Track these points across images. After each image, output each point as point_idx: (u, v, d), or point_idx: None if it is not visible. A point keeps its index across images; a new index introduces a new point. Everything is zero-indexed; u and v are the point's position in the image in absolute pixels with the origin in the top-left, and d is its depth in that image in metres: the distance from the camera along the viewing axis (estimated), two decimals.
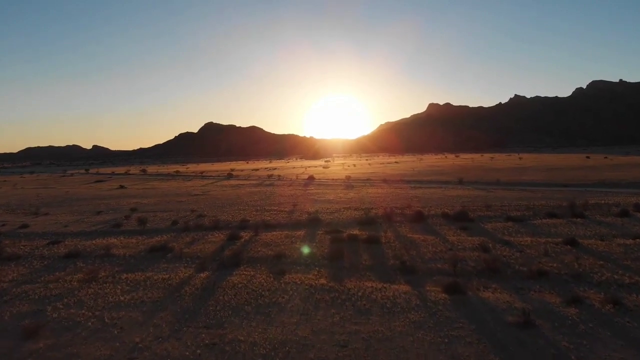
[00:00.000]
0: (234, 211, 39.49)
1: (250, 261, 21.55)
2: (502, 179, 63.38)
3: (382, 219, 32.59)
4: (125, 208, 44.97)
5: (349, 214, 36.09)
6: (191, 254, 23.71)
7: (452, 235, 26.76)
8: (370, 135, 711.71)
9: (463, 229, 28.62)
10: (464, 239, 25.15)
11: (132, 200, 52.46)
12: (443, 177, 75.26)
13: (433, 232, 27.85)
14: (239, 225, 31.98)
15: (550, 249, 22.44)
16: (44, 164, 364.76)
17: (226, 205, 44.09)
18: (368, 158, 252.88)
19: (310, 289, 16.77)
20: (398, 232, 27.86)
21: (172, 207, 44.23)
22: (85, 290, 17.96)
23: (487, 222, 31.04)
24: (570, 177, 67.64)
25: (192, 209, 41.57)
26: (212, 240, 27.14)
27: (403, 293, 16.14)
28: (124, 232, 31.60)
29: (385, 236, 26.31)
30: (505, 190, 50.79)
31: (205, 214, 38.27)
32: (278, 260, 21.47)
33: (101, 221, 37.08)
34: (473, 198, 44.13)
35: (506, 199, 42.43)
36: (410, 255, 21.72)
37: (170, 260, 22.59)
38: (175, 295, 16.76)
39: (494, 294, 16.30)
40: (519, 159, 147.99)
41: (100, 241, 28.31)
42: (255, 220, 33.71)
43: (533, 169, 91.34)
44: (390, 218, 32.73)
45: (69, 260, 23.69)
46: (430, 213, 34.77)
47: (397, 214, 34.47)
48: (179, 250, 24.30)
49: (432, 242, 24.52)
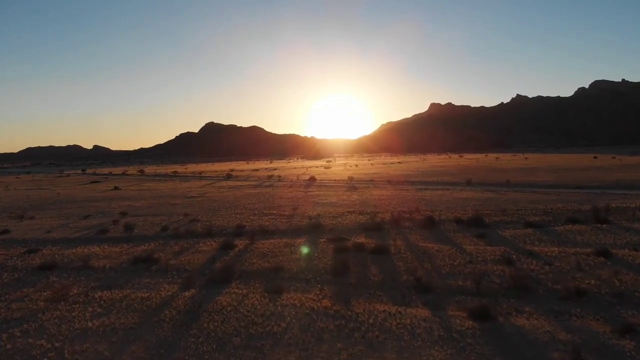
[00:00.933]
0: (230, 215, 36.97)
1: (244, 276, 19.03)
2: (512, 180, 60.76)
3: (389, 225, 30.04)
4: (115, 211, 42.49)
5: (353, 218, 33.55)
6: (178, 265, 21.19)
7: (469, 244, 24.20)
8: (372, 135, 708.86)
9: (480, 236, 26.06)
10: (483, 249, 22.59)
11: (124, 202, 49.97)
12: (449, 178, 72.68)
13: (447, 240, 25.29)
14: (234, 232, 29.46)
15: (583, 262, 19.88)
16: (44, 164, 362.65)
17: (222, 209, 41.58)
18: (370, 158, 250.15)
19: (311, 314, 14.22)
20: (408, 240, 25.31)
21: (164, 211, 41.73)
22: (51, 313, 15.46)
23: (504, 229, 28.49)
24: (582, 178, 65.03)
25: (186, 213, 39.06)
26: (203, 249, 24.62)
27: (422, 320, 13.58)
28: (109, 239, 29.09)
29: (394, 245, 23.78)
30: (517, 192, 48.20)
31: (199, 218, 35.75)
32: (275, 275, 18.95)
33: (87, 226, 34.59)
34: (484, 201, 41.56)
35: (520, 202, 39.85)
36: (425, 269, 19.17)
37: (154, 274, 20.08)
38: (152, 321, 14.23)
39: (530, 320, 13.75)
40: (525, 159, 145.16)
41: (82, 250, 25.82)
42: (252, 226, 31.18)
43: (541, 169, 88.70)
44: (398, 223, 30.18)
45: (42, 273, 21.21)
46: (442, 218, 32.21)
47: (405, 219, 31.91)
48: (165, 261, 21.80)
49: (448, 252, 21.96)
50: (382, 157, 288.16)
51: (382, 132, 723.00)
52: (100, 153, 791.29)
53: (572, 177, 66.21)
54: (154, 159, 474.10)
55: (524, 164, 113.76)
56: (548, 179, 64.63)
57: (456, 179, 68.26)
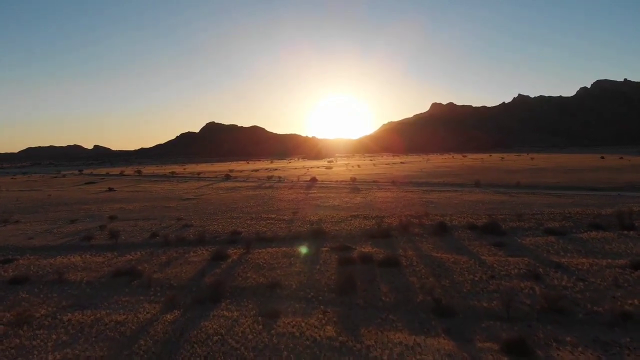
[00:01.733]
0: (225, 220, 34.64)
1: (236, 294, 16.72)
2: (522, 182, 58.28)
3: (397, 231, 27.71)
4: (105, 215, 40.22)
5: (357, 223, 31.21)
6: (163, 280, 18.89)
7: (487, 254, 21.86)
8: (373, 135, 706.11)
9: (498, 245, 23.71)
10: (504, 261, 20.23)
11: (116, 205, 47.68)
12: (455, 179, 70.21)
13: (463, 249, 22.94)
14: (228, 239, 27.15)
15: (619, 277, 17.53)
16: (43, 164, 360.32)
17: (218, 212, 39.27)
18: (372, 158, 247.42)
19: (313, 348, 11.88)
20: (420, 250, 22.98)
21: (157, 214, 39.43)
22: (9, 341, 13.18)
23: (523, 236, 26.12)
24: (593, 179, 62.60)
25: (179, 217, 36.75)
26: (193, 259, 22.31)
27: (447, 356, 11.24)
28: (92, 248, 26.82)
29: (405, 256, 21.45)
30: (530, 195, 45.79)
31: (193, 223, 33.44)
32: (271, 292, 16.65)
33: (72, 232, 32.31)
34: (497, 204, 39.18)
35: (535, 206, 37.49)
36: (443, 286, 16.83)
37: (135, 290, 17.79)
38: (123, 355, 11.91)
39: (574, 355, 11.44)
40: (531, 159, 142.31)
41: (61, 260, 23.55)
42: (249, 232, 28.86)
43: (549, 170, 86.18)
44: (407, 229, 27.85)
45: (12, 288, 18.96)
46: (454, 223, 29.85)
47: (414, 224, 29.56)
48: (149, 275, 19.48)
49: (466, 265, 19.62)
50: (383, 157, 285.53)
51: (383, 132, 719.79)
52: (100, 153, 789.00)
53: (583, 178, 63.78)
54: (154, 159, 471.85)
55: (531, 164, 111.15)
56: (559, 180, 62.21)
57: (463, 180, 65.82)
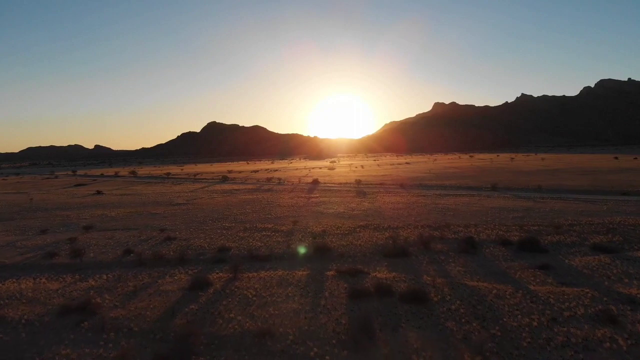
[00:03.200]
0: (214, 231, 30.16)
1: (212, 347, 12.26)
2: (543, 185, 53.59)
3: (416, 247, 23.22)
4: (82, 223, 35.84)
5: (367, 236, 26.70)
6: (122, 321, 14.42)
7: (534, 281, 17.34)
8: (375, 135, 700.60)
9: (543, 268, 19.19)
10: (560, 293, 15.70)
11: (98, 211, 43.25)
12: (468, 181, 65.55)
13: (502, 275, 18.42)
14: (214, 257, 22.69)
15: None
16: (42, 164, 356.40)
17: (208, 221, 34.80)
18: (375, 158, 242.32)
19: None
20: (449, 275, 18.47)
21: (140, 223, 34.99)
22: None
23: (569, 254, 21.61)
24: (617, 181, 58.01)
25: (163, 227, 32.29)
26: (167, 288, 17.82)
27: None
28: (53, 268, 22.40)
29: (433, 285, 16.93)
30: (557, 200, 41.21)
31: (176, 235, 28.95)
32: (259, 346, 12.18)
33: (38, 246, 27.88)
34: (523, 211, 34.63)
35: (568, 214, 32.94)
36: (492, 336, 12.31)
37: (83, 337, 13.34)
38: None
39: None
40: (541, 159, 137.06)
41: (8, 286, 19.17)
42: (239, 249, 24.38)
43: (566, 171, 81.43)
44: (428, 245, 23.35)
45: None
46: (481, 237, 25.34)
47: (435, 238, 25.05)
48: (106, 312, 15.03)
49: (514, 299, 15.09)
50: (387, 157, 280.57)
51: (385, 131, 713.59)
52: (101, 153, 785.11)
53: (606, 181, 59.17)
54: (155, 158, 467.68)
55: (544, 164, 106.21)
56: (580, 182, 57.57)
57: (477, 183, 61.18)
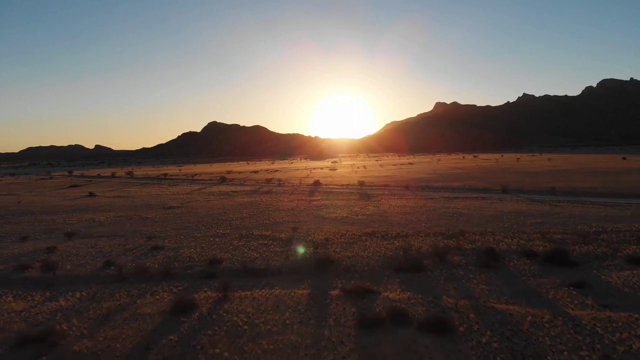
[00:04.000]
0: (207, 239, 27.64)
1: None
2: (556, 187, 50.92)
3: (431, 259, 20.72)
4: (68, 228, 33.38)
5: (375, 246, 24.17)
6: (87, 357, 11.90)
7: (572, 303, 14.85)
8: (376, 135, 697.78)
9: (579, 286, 16.68)
10: (606, 319, 13.16)
11: (87, 215, 40.78)
12: (475, 182, 62.96)
13: (533, 294, 15.92)
14: (203, 271, 20.18)
15: None
16: (41, 164, 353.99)
17: (201, 227, 32.30)
18: (377, 158, 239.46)
19: None
20: (472, 295, 15.97)
21: (128, 229, 32.51)
22: None
23: (603, 269, 19.10)
24: (630, 183, 55.46)
25: (151, 234, 29.79)
26: (145, 311, 15.32)
27: None
28: (23, 283, 19.95)
29: (456, 309, 14.41)
30: (575, 204, 38.67)
31: (165, 244, 26.43)
32: None
33: (13, 256, 25.41)
34: (541, 217, 32.08)
35: (589, 219, 30.40)
36: None
37: None
38: None
39: None
40: (548, 160, 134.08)
41: None
42: (232, 260, 21.86)
43: (576, 172, 78.75)
44: (444, 258, 20.83)
45: None
46: (501, 247, 22.81)
47: (451, 249, 22.52)
48: (70, 344, 12.54)
49: (553, 328, 12.57)
50: (389, 157, 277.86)
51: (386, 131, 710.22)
52: (101, 153, 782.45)
53: (620, 182, 56.58)
54: (155, 159, 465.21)
55: (551, 165, 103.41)
56: (593, 184, 54.97)
57: (485, 184, 58.61)
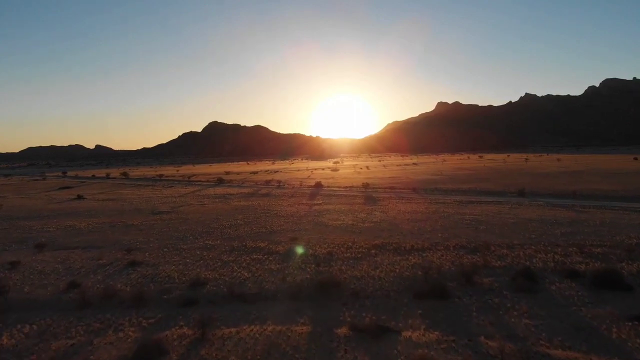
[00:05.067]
0: (193, 252, 24.23)
1: None
2: (577, 190, 47.24)
3: (456, 281, 17.31)
4: (43, 237, 30.03)
5: (387, 262, 20.74)
6: None
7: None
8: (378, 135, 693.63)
9: None
10: None
11: (68, 222, 37.41)
12: (487, 184, 59.40)
13: (591, 334, 12.53)
14: (182, 296, 16.78)
15: None
16: (39, 164, 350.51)
17: (189, 237, 28.88)
18: (380, 159, 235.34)
19: None
20: (514, 332, 12.59)
21: (108, 239, 29.12)
22: None
23: None
24: None
25: (132, 245, 26.39)
26: (101, 356, 11.95)
27: None
28: None
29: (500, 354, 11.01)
30: (601, 210, 35.20)
31: (144, 258, 23.02)
32: None
33: None
34: (568, 225, 28.62)
35: (625, 228, 26.94)
36: None
37: None
38: None
39: None
40: (557, 160, 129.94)
41: None
42: (218, 281, 18.44)
43: (589, 173, 75.11)
44: (471, 278, 17.42)
45: None
46: (536, 264, 19.38)
47: (478, 266, 19.07)
48: None
49: None
50: (391, 157, 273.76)
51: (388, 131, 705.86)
52: (102, 153, 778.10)
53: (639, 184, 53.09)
54: (155, 159, 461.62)
55: (561, 166, 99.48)
56: (614, 187, 51.41)
57: (497, 187, 55.04)
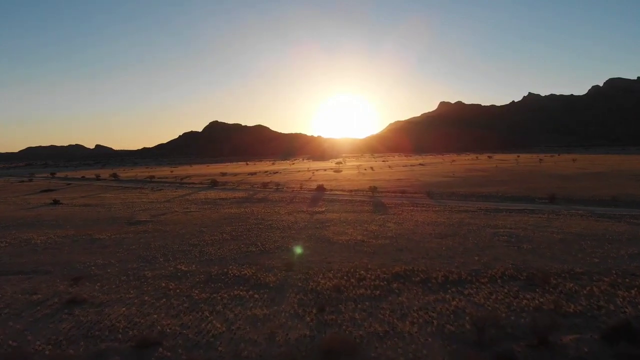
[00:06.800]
0: (157, 282, 18.58)
1: None
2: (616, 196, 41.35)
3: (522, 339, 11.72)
4: None
5: (418, 306, 15.15)
6: None
7: None
8: (380, 135, 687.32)
9: None
10: None
11: (26, 233, 31.85)
12: (507, 188, 53.43)
13: None
14: None
15: None
16: (37, 164, 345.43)
17: (159, 258, 23.23)
18: (384, 159, 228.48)
19: None
20: None
21: (59, 260, 23.56)
22: None
23: None
24: None
25: (84, 272, 20.80)
26: None
27: None
28: None
29: None
30: None
31: (91, 294, 17.41)
32: None
33: None
34: (632, 243, 22.94)
35: None
36: None
37: None
38: None
39: None
40: (573, 161, 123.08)
41: None
42: (178, 340, 12.83)
43: (612, 175, 69.12)
44: (547, 340, 11.79)
45: None
46: (631, 313, 13.76)
47: (549, 314, 13.42)
48: None
49: None
50: (395, 157, 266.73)
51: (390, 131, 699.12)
52: (102, 153, 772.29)
53: None
54: (154, 159, 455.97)
55: (580, 167, 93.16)
56: None
57: (522, 191, 48.98)
